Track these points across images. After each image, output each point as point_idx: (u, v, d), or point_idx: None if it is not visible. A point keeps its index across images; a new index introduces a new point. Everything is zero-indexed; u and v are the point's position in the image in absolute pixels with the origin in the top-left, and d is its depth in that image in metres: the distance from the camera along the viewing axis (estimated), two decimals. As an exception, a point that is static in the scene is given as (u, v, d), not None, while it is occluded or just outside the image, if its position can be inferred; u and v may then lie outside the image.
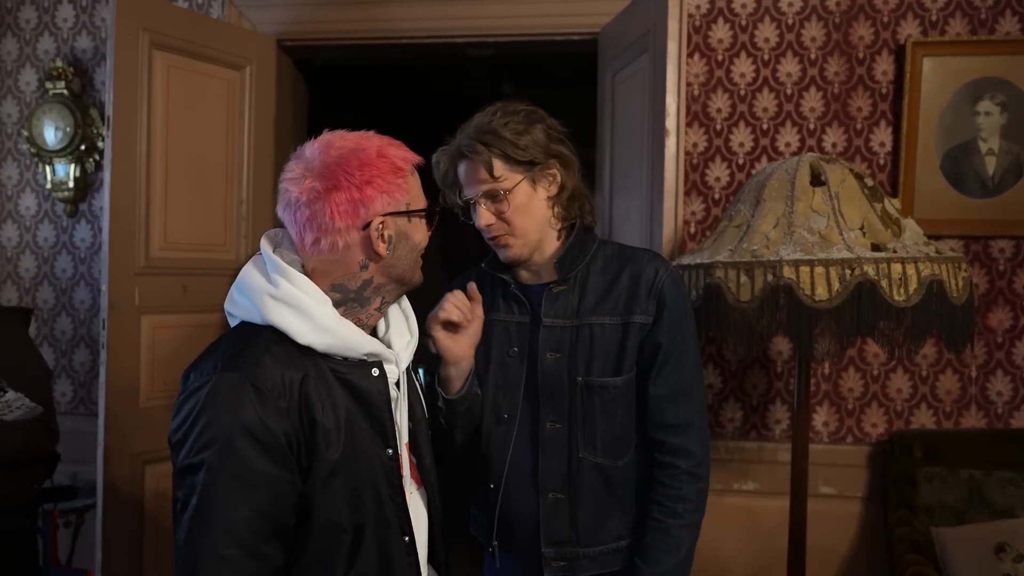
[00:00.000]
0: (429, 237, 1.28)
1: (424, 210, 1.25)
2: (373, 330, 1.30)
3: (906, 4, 2.72)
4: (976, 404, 2.72)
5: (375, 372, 1.22)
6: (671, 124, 2.33)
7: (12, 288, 3.16)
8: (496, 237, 1.53)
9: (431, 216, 1.27)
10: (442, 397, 1.46)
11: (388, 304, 1.28)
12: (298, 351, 1.15)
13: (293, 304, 1.14)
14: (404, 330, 1.32)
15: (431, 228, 1.29)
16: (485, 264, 1.66)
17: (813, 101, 2.77)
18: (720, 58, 2.80)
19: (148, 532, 2.66)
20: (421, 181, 1.27)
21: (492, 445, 1.59)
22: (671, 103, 2.32)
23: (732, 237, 2.03)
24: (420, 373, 1.51)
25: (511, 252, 1.54)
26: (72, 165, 3.08)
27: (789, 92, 2.77)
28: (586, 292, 1.55)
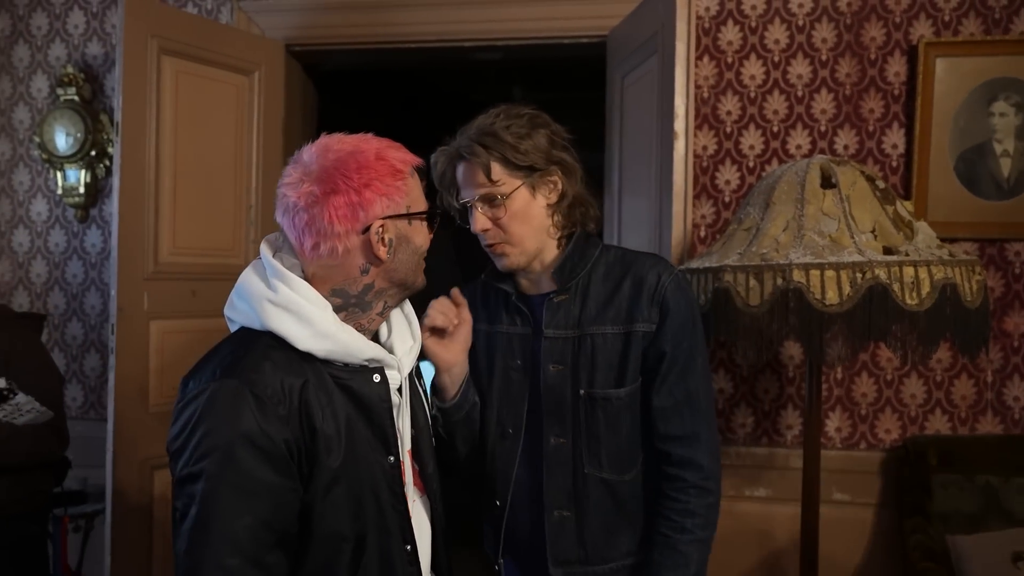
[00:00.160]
0: (431, 240, 1.27)
1: (425, 212, 1.23)
2: (375, 335, 1.28)
3: (918, 4, 2.69)
4: (992, 409, 2.68)
5: (376, 378, 1.20)
6: (680, 126, 2.32)
7: (24, 293, 3.18)
8: (492, 244, 1.49)
9: (432, 218, 1.25)
10: (437, 405, 1.43)
11: (390, 308, 1.27)
12: (298, 357, 1.14)
13: (292, 310, 1.13)
14: (407, 335, 1.31)
15: (433, 231, 1.27)
16: (486, 275, 1.62)
17: (824, 103, 2.74)
18: (730, 60, 2.77)
19: (157, 538, 2.66)
20: (424, 184, 1.26)
21: (497, 461, 1.55)
22: (680, 105, 2.31)
23: (741, 240, 2.00)
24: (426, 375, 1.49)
25: (507, 261, 1.49)
26: (83, 171, 3.10)
27: (800, 94, 2.75)
28: (587, 301, 1.50)
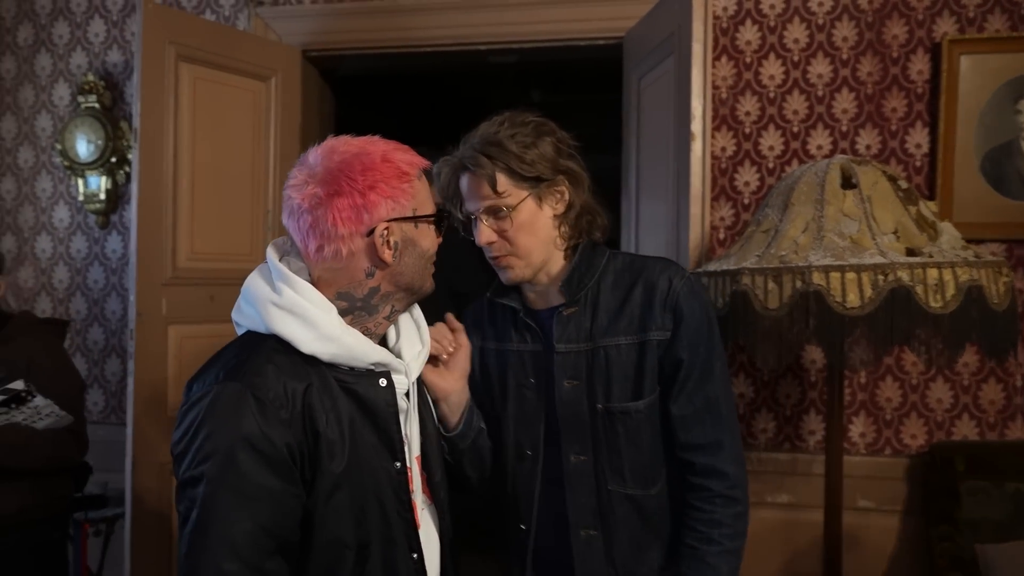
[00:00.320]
0: (439, 243, 1.25)
1: (432, 215, 1.21)
2: (384, 339, 1.26)
3: (941, 1, 2.64)
4: (1022, 415, 2.61)
5: (383, 382, 1.18)
6: (697, 127, 2.29)
7: (46, 299, 3.22)
8: (498, 257, 1.44)
9: (440, 222, 1.23)
10: (441, 434, 1.39)
11: (398, 313, 1.25)
12: (302, 360, 1.13)
13: (297, 312, 1.12)
14: (415, 339, 1.29)
15: (441, 234, 1.25)
16: (491, 293, 1.56)
17: (846, 102, 2.69)
18: (748, 60, 2.74)
19: (176, 542, 2.67)
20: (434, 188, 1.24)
21: (518, 484, 1.50)
22: (696, 106, 2.28)
23: (759, 243, 1.97)
24: None
25: (512, 274, 1.45)
26: (103, 177, 3.13)
27: (820, 94, 2.70)
28: (598, 312, 1.45)
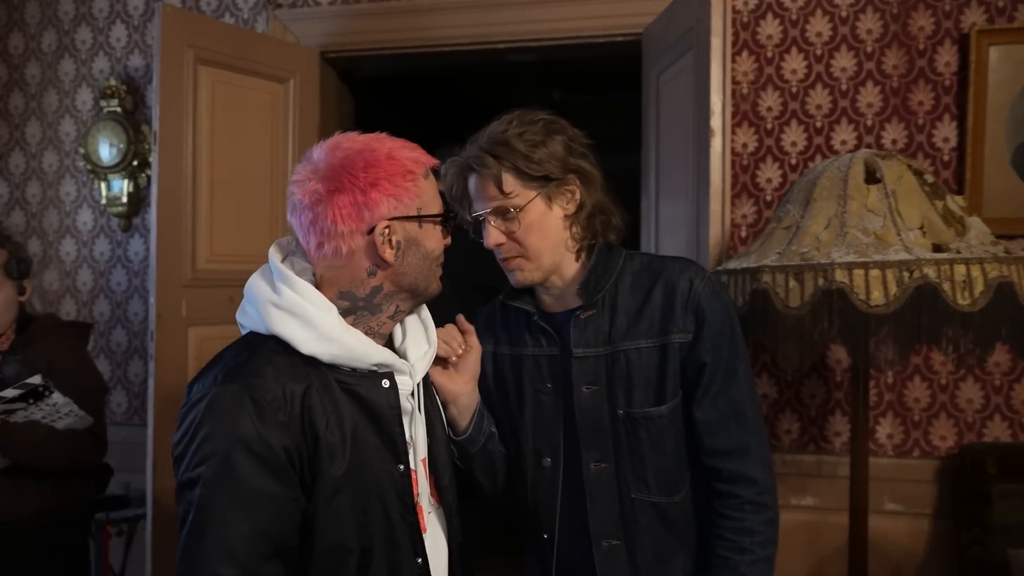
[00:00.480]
0: (447, 244, 1.22)
1: (437, 215, 1.18)
2: (390, 340, 1.24)
3: (969, -9, 2.58)
4: (1056, 415, 2.54)
5: (385, 383, 1.16)
6: (716, 123, 2.25)
7: (71, 302, 3.25)
8: (507, 259, 1.40)
9: (447, 222, 1.20)
10: (451, 438, 1.36)
11: (404, 313, 1.22)
12: (303, 362, 1.11)
13: (296, 312, 1.10)
14: (422, 340, 1.26)
15: (448, 235, 1.22)
16: (503, 297, 1.52)
17: (870, 96, 2.63)
18: (770, 55, 2.69)
19: (197, 542, 2.68)
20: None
21: (539, 492, 1.46)
22: (716, 102, 2.24)
23: (780, 239, 1.92)
24: None
25: (521, 276, 1.41)
26: (126, 181, 3.16)
27: (844, 88, 2.64)
28: (616, 314, 1.41)
